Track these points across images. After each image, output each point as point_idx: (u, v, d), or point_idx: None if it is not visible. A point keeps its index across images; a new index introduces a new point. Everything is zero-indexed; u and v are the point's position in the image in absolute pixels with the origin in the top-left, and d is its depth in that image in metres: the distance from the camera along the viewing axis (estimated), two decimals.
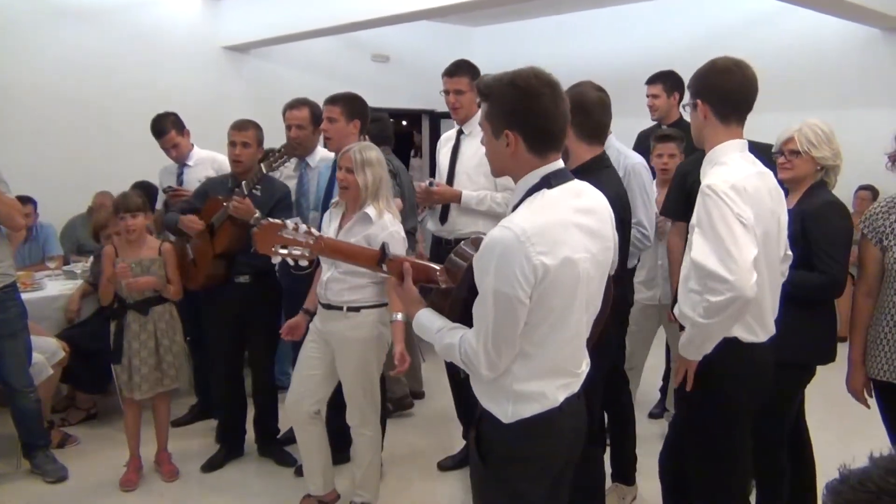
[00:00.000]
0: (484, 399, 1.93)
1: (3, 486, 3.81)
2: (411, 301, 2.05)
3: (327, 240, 2.01)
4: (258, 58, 7.68)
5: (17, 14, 6.05)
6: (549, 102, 1.78)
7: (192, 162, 4.60)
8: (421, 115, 9.73)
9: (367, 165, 3.05)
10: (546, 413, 1.86)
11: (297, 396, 3.33)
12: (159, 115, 4.57)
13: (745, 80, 2.32)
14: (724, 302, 2.11)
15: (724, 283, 2.10)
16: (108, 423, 4.57)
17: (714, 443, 2.40)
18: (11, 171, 3.60)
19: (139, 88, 6.58)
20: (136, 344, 3.67)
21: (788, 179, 2.82)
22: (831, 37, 6.72)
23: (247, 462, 4.08)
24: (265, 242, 1.95)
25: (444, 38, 8.98)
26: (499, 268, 1.72)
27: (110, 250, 3.70)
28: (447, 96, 3.70)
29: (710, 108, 2.33)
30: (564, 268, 1.75)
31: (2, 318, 3.63)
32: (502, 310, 1.73)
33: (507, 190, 3.57)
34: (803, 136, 2.77)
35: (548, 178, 1.82)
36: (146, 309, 3.69)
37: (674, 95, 4.44)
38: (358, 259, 2.08)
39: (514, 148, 1.81)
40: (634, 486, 3.57)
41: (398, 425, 4.37)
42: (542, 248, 1.71)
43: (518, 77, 1.78)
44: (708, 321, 2.17)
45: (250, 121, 3.87)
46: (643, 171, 3.31)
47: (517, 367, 1.83)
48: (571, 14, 8.48)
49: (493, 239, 1.74)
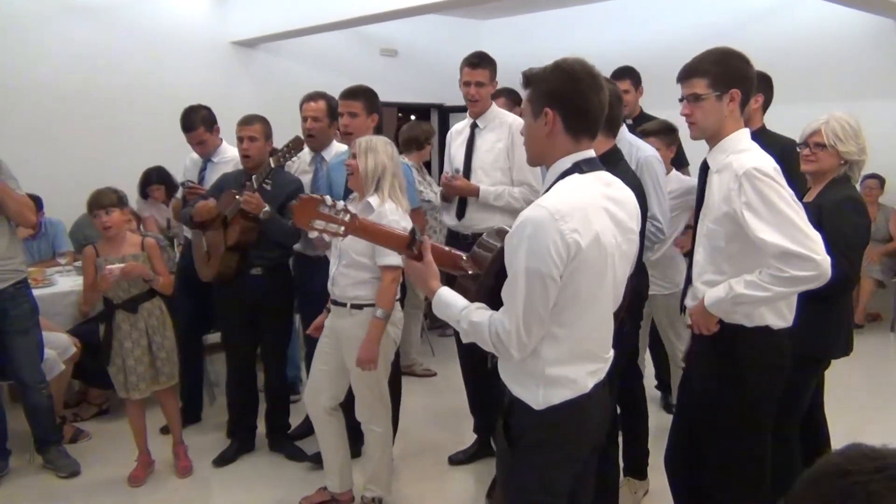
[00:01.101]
0: (514, 385, 1.95)
1: (17, 481, 3.83)
2: (432, 275, 2.03)
3: (362, 220, 2.02)
4: (266, 53, 7.68)
5: (25, 11, 6.06)
6: (589, 87, 1.84)
7: (217, 159, 4.41)
8: (430, 109, 9.71)
9: (370, 151, 3.05)
10: (576, 399, 1.89)
11: (314, 391, 3.34)
12: (191, 107, 4.33)
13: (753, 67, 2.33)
14: (810, 277, 2.10)
15: (809, 262, 2.09)
16: (121, 418, 4.58)
17: (742, 435, 2.36)
18: (19, 168, 3.60)
19: (147, 84, 6.58)
20: (128, 343, 3.61)
21: (812, 172, 2.79)
22: (843, 27, 6.66)
23: (258, 457, 4.09)
24: (303, 216, 1.96)
25: (453, 32, 8.95)
26: (531, 245, 1.75)
27: (90, 251, 3.61)
28: (468, 87, 3.65)
29: (742, 97, 2.30)
30: (594, 249, 1.79)
31: (14, 313, 3.64)
32: (534, 287, 1.76)
33: (525, 185, 3.56)
34: (830, 129, 2.73)
35: (579, 164, 1.87)
36: (135, 307, 3.62)
37: (639, 90, 4.51)
38: (389, 241, 2.09)
39: (551, 127, 1.85)
40: (646, 481, 3.56)
41: (409, 419, 4.37)
42: (574, 226, 1.75)
43: (563, 62, 1.87)
44: (778, 289, 2.14)
45: (256, 115, 3.86)
46: (656, 163, 3.28)
47: (546, 349, 1.85)
48: (580, 7, 8.43)
49: (526, 217, 1.78)
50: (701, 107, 2.32)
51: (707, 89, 2.30)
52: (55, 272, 4.89)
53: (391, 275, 3.06)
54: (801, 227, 2.12)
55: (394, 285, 3.08)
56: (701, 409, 2.54)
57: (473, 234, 3.60)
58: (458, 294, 1.98)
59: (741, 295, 2.21)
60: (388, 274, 3.06)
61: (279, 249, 3.85)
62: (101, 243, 3.67)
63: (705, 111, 2.32)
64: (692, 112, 2.35)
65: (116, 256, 3.60)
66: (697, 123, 2.36)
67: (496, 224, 3.44)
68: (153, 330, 3.68)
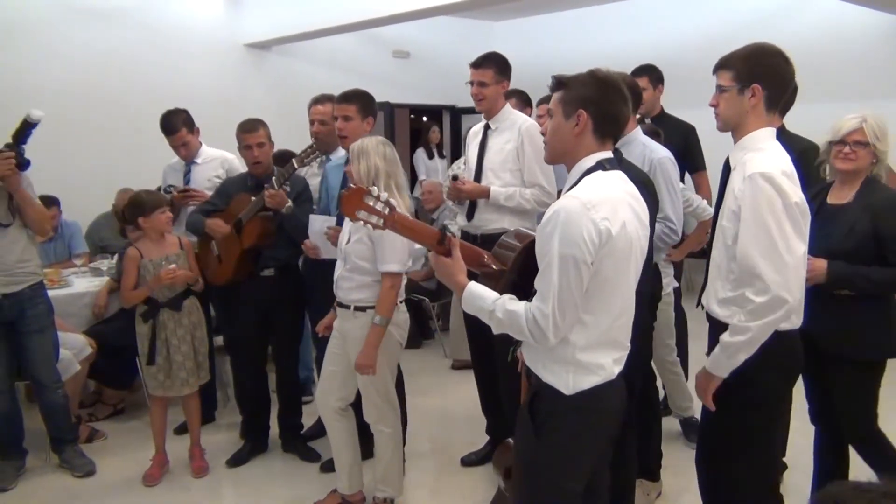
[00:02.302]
0: (543, 372, 2.03)
1: (33, 480, 3.87)
2: (459, 270, 2.10)
3: (399, 215, 2.08)
4: (279, 55, 7.72)
5: (41, 14, 6.13)
6: (621, 97, 2.01)
7: (201, 160, 4.46)
8: (442, 110, 9.72)
9: (362, 155, 3.07)
10: (604, 385, 1.99)
11: (324, 392, 3.37)
12: (169, 111, 4.42)
13: (791, 69, 2.30)
14: (767, 303, 2.11)
15: (765, 284, 2.10)
16: (136, 418, 4.63)
17: (751, 435, 2.35)
18: (36, 170, 3.63)
19: (162, 87, 6.64)
20: (174, 340, 3.69)
21: (850, 170, 2.76)
22: (854, 26, 6.63)
23: (271, 457, 4.11)
24: (351, 205, 2.03)
25: (465, 33, 8.97)
26: (564, 232, 1.86)
27: (134, 252, 3.68)
28: (472, 87, 3.67)
29: (767, 92, 2.26)
30: (623, 237, 1.90)
31: (31, 313, 3.69)
32: (567, 272, 1.86)
33: (536, 186, 3.56)
34: (870, 127, 2.72)
35: (602, 162, 2.00)
36: (179, 304, 3.72)
37: (658, 88, 4.39)
38: (422, 237, 2.15)
39: (581, 128, 1.99)
40: (659, 482, 3.54)
41: (421, 420, 4.37)
42: (604, 215, 1.87)
43: (598, 71, 2.03)
44: (751, 324, 2.15)
45: (257, 120, 3.91)
46: (669, 164, 3.27)
47: (576, 336, 1.95)
48: (592, 7, 8.44)
49: (560, 207, 1.89)
50: (725, 98, 2.33)
51: (731, 82, 2.29)
52: (71, 273, 4.93)
53: (390, 281, 3.08)
54: (777, 243, 2.11)
55: (392, 291, 3.09)
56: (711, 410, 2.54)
57: (483, 236, 3.59)
58: (487, 287, 2.06)
59: (728, 344, 2.22)
60: (388, 280, 3.07)
61: (290, 250, 3.87)
62: (144, 244, 3.74)
63: (728, 103, 2.32)
64: (718, 103, 2.36)
65: (161, 256, 3.69)
66: (720, 114, 2.37)
67: (505, 226, 3.46)
68: (195, 327, 3.78)
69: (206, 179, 4.40)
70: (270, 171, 3.83)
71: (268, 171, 3.83)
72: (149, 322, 3.69)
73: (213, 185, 4.33)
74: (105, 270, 4.87)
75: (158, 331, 3.68)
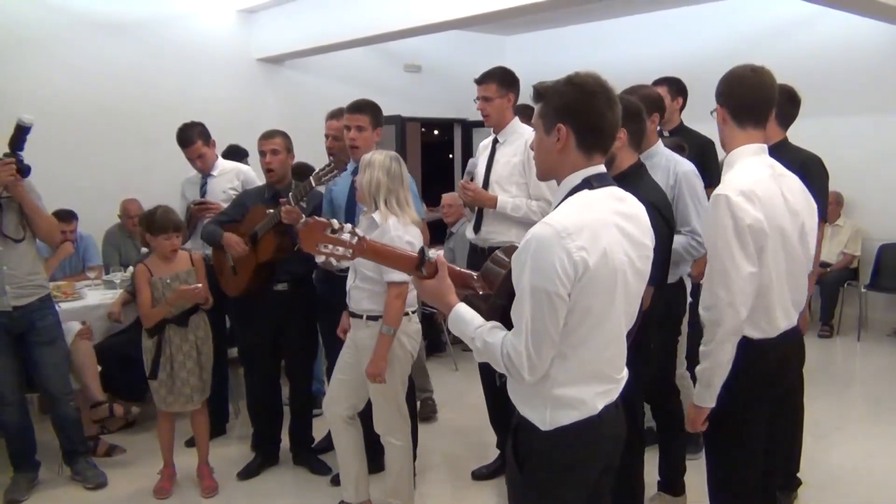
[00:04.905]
0: (522, 406, 1.91)
1: (46, 492, 3.88)
2: (447, 291, 1.96)
3: (370, 242, 1.97)
4: (292, 69, 7.77)
5: (55, 28, 6.19)
6: (603, 103, 1.80)
7: (217, 172, 4.54)
8: (453, 124, 9.75)
9: (368, 167, 3.12)
10: (584, 420, 1.84)
11: (332, 399, 3.38)
12: (185, 124, 4.50)
13: (761, 84, 2.33)
14: (712, 318, 2.23)
15: (712, 301, 2.22)
16: (146, 431, 4.64)
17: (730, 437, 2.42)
18: (50, 183, 3.66)
19: (175, 101, 6.68)
20: (180, 356, 3.67)
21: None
22: (867, 39, 6.61)
23: (282, 470, 4.11)
24: (310, 240, 1.92)
25: (477, 47, 9.00)
26: (536, 263, 1.71)
27: (143, 269, 3.67)
28: (477, 103, 3.70)
29: (728, 111, 2.36)
30: (604, 267, 1.74)
31: (41, 325, 3.71)
32: (540, 306, 1.71)
33: (542, 199, 3.56)
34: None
35: (589, 179, 1.83)
36: (185, 320, 3.70)
37: (677, 100, 4.30)
38: (397, 263, 2.04)
39: (563, 143, 1.82)
40: (683, 497, 3.47)
41: (432, 434, 4.36)
42: (581, 244, 1.71)
43: (575, 76, 1.82)
44: (708, 347, 2.27)
45: (277, 129, 3.93)
46: (694, 178, 3.26)
47: (556, 370, 1.80)
48: (604, 21, 8.46)
49: (532, 235, 1.74)
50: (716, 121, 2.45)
51: (716, 103, 2.43)
52: (84, 286, 4.95)
53: (395, 290, 3.08)
54: (726, 266, 2.19)
55: (398, 301, 3.09)
56: None
57: (489, 248, 3.60)
58: (474, 311, 1.93)
59: (700, 372, 2.33)
60: (393, 290, 3.08)
61: (305, 264, 3.88)
62: (153, 261, 3.72)
63: (718, 124, 2.44)
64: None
65: (171, 274, 3.69)
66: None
67: (511, 238, 3.45)
68: (201, 342, 3.76)
69: (221, 191, 4.45)
70: (287, 183, 3.84)
71: (283, 181, 3.84)
72: (154, 337, 3.67)
73: (228, 196, 4.37)
74: (118, 283, 4.89)
75: (164, 346, 3.66)
